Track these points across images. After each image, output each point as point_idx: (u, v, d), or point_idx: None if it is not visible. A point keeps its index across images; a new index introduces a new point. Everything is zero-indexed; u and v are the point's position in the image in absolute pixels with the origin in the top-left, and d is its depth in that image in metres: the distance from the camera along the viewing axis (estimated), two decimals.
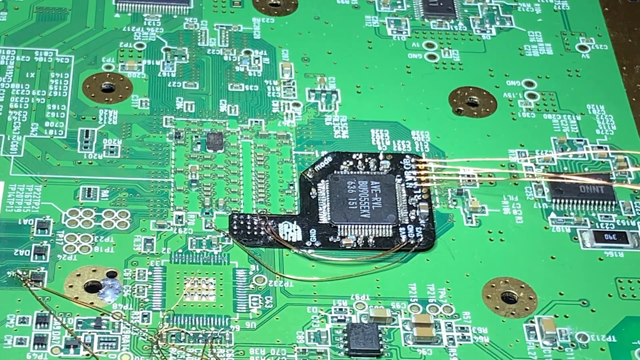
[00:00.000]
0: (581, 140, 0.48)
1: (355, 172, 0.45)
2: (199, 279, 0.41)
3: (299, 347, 0.40)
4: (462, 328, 0.41)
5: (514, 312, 0.41)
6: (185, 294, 0.41)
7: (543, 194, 0.45)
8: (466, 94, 0.49)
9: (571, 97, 0.50)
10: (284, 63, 0.50)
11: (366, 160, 0.46)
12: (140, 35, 0.51)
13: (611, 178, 0.46)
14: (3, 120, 0.46)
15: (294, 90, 0.49)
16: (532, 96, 0.50)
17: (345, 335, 0.40)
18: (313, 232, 0.43)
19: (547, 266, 0.43)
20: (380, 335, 0.40)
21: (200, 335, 0.40)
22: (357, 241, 0.43)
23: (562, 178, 0.45)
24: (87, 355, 0.39)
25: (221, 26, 0.51)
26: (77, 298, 0.40)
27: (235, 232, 0.43)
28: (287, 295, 0.41)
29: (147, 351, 0.39)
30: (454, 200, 0.45)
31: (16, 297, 0.40)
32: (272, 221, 0.44)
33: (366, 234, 0.43)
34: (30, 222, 0.43)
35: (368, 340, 0.40)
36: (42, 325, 0.39)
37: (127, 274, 0.41)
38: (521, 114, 0.49)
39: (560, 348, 0.40)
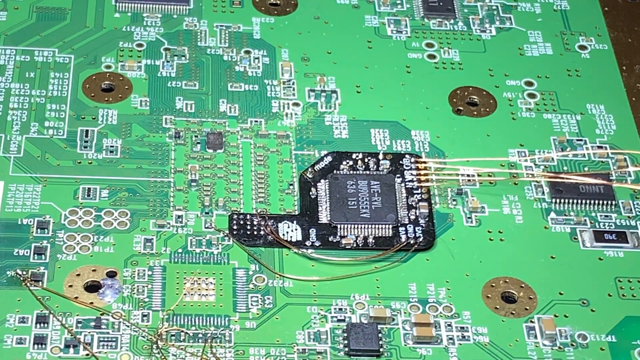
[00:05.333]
0: (581, 140, 0.48)
1: (355, 172, 0.45)
2: (199, 278, 0.41)
3: (299, 347, 0.40)
4: (462, 328, 0.41)
5: (513, 312, 0.41)
6: (185, 294, 0.41)
7: (543, 193, 0.45)
8: (466, 93, 0.49)
9: (571, 96, 0.50)
10: (284, 63, 0.50)
11: (366, 160, 0.46)
12: (140, 35, 0.50)
13: (611, 178, 0.46)
14: (3, 120, 0.46)
15: (293, 90, 0.49)
16: (531, 96, 0.50)
17: (345, 335, 0.40)
18: (313, 232, 0.43)
19: (547, 266, 0.43)
20: (380, 335, 0.40)
21: (200, 335, 0.40)
22: (357, 241, 0.43)
23: (562, 178, 0.45)
24: (87, 355, 0.39)
25: (221, 26, 0.51)
26: (76, 298, 0.40)
27: (235, 232, 0.43)
28: (286, 295, 0.41)
29: (147, 351, 0.39)
30: (454, 200, 0.45)
31: (16, 296, 0.40)
32: (272, 221, 0.44)
33: (366, 234, 0.43)
34: (30, 221, 0.43)
35: (368, 340, 0.40)
36: (42, 325, 0.39)
37: (127, 274, 0.41)
38: (521, 114, 0.49)
39: (560, 348, 0.40)
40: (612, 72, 0.51)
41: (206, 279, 0.41)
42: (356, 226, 0.43)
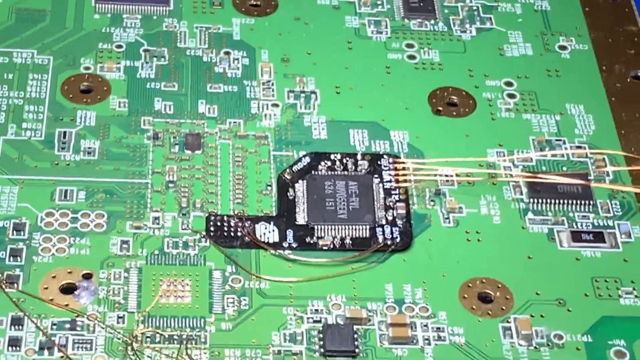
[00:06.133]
0: (560, 140, 0.48)
1: (333, 173, 0.45)
2: (175, 280, 0.41)
3: (274, 347, 0.40)
4: (438, 328, 0.41)
5: (490, 312, 0.41)
6: (160, 295, 0.41)
7: (521, 193, 0.45)
8: (446, 94, 0.49)
9: (551, 97, 0.50)
10: (264, 64, 0.50)
11: (344, 161, 0.46)
12: (120, 36, 0.50)
13: (589, 178, 0.46)
14: None
15: (273, 91, 0.49)
16: (511, 96, 0.49)
17: (321, 335, 0.40)
18: (290, 233, 0.43)
19: (524, 266, 0.43)
20: (355, 335, 0.40)
21: (176, 337, 0.40)
22: (334, 242, 0.43)
23: (540, 178, 0.45)
24: (62, 357, 0.39)
25: (201, 27, 0.51)
26: (52, 300, 0.40)
27: (212, 233, 0.43)
28: (263, 296, 0.41)
29: (122, 353, 0.39)
30: (432, 201, 0.45)
31: None
32: (249, 222, 0.44)
33: (343, 235, 0.43)
34: (6, 224, 0.42)
35: (344, 341, 0.40)
36: (17, 327, 0.39)
37: (103, 276, 0.41)
38: (500, 114, 0.49)
39: (536, 348, 0.40)
40: (592, 72, 0.51)
41: (182, 280, 0.41)
42: (333, 227, 0.43)
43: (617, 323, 0.41)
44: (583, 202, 0.45)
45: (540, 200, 0.45)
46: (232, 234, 0.43)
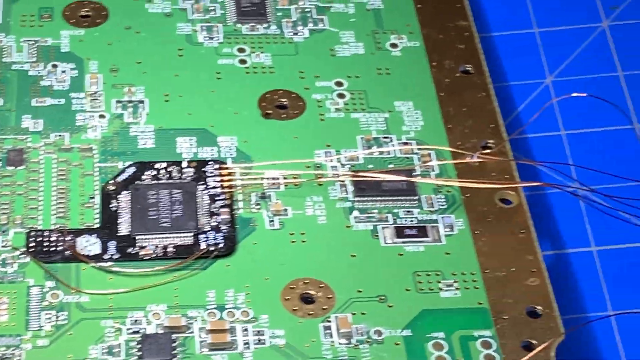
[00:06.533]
0: (388, 138, 0.48)
1: (157, 182, 0.45)
2: None
3: None
4: (259, 332, 0.41)
5: (311, 313, 0.41)
6: None
7: (347, 193, 0.46)
8: (275, 97, 0.49)
9: (380, 95, 0.50)
10: (92, 75, 0.49)
11: (169, 169, 0.46)
12: None
13: (415, 173, 0.46)
14: None
15: (100, 102, 0.48)
16: (341, 96, 0.50)
17: (139, 346, 0.40)
18: (112, 245, 0.43)
19: (348, 265, 0.43)
20: (174, 344, 0.40)
21: None
22: (156, 251, 0.43)
23: (365, 176, 0.46)
24: None
25: (28, 40, 0.51)
26: None
27: (32, 249, 0.42)
28: (82, 310, 0.41)
29: None
30: (257, 204, 0.45)
31: None
32: (71, 236, 0.43)
33: (166, 243, 0.43)
34: None
35: (161, 350, 0.39)
36: None
37: None
38: (329, 115, 0.49)
39: (355, 345, 0.40)
40: (423, 69, 0.51)
41: None
42: (156, 236, 0.43)
43: (437, 316, 0.41)
44: (407, 197, 0.45)
45: (365, 198, 0.45)
46: (53, 248, 0.43)
